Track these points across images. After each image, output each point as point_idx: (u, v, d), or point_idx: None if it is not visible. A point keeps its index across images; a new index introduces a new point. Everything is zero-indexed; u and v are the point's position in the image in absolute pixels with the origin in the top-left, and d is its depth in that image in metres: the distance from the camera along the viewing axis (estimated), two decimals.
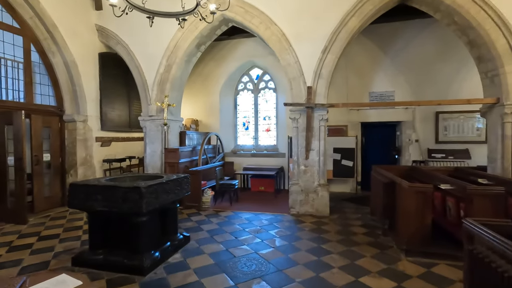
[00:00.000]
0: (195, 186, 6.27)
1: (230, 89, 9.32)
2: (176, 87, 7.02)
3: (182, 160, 6.73)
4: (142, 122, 6.98)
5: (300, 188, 5.82)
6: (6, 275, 3.30)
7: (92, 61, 7.04)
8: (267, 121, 9.19)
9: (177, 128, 7.28)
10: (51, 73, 6.46)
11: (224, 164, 8.44)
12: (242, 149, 9.18)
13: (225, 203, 6.72)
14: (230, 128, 9.35)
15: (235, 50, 8.88)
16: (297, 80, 5.80)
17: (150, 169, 6.89)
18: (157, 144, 6.83)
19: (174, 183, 3.83)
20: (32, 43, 6.02)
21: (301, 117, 5.82)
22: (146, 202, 3.24)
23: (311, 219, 5.42)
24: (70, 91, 6.69)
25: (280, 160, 8.53)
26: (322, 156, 5.76)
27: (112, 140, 7.69)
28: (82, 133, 6.80)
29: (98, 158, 7.24)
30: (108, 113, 7.50)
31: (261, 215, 5.79)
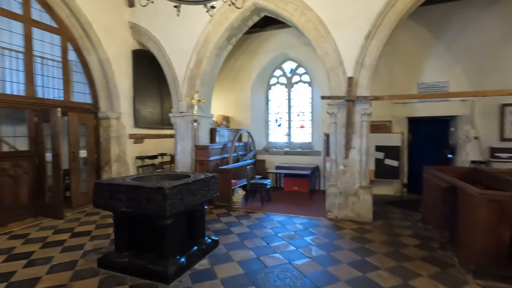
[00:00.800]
0: (225, 185, 6.00)
1: (261, 84, 8.94)
2: (206, 82, 6.79)
3: (212, 158, 6.50)
4: (172, 119, 6.87)
5: (339, 190, 5.27)
6: (35, 274, 3.26)
7: (125, 58, 7.07)
8: (301, 117, 8.66)
9: (207, 124, 7.07)
10: (87, 71, 6.57)
11: (256, 162, 8.10)
12: (275, 146, 8.76)
13: (256, 204, 6.37)
14: (261, 125, 8.97)
15: (267, 42, 8.45)
16: (335, 71, 5.23)
17: (180, 167, 6.77)
18: (187, 141, 6.67)
19: (201, 183, 3.54)
20: (69, 41, 6.14)
21: (340, 111, 5.25)
22: (170, 204, 2.98)
23: (351, 225, 4.85)
24: (104, 89, 6.77)
25: (315, 159, 7.98)
26: (364, 155, 5.15)
27: (145, 137, 7.72)
28: (116, 130, 6.86)
29: (131, 155, 7.29)
30: (141, 110, 7.53)
31: (295, 218, 5.34)
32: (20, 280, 3.13)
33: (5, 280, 3.12)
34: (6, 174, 5.05)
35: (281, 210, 5.85)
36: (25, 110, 5.38)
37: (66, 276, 3.19)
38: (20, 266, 3.46)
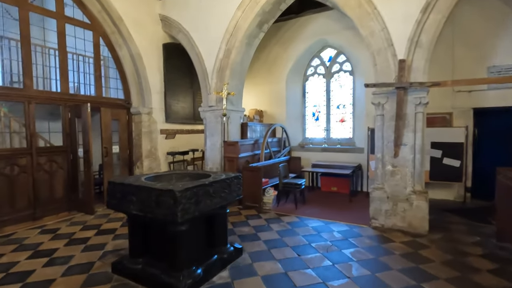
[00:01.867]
0: (256, 185, 5.54)
1: (297, 75, 8.27)
2: (237, 74, 6.36)
3: (243, 155, 6.08)
4: (202, 113, 6.58)
5: (386, 195, 4.48)
6: (51, 275, 3.12)
7: (156, 52, 6.93)
8: (341, 110, 7.83)
9: (238, 119, 6.65)
10: (119, 66, 6.56)
11: (290, 159, 7.50)
12: (311, 142, 8.07)
13: (289, 205, 5.81)
14: (297, 119, 8.33)
15: (304, 29, 7.75)
16: (383, 53, 4.42)
17: (210, 164, 6.47)
18: (216, 137, 6.33)
19: (221, 184, 3.10)
20: (101, 37, 6.14)
21: (389, 101, 4.43)
22: (182, 209, 2.58)
23: (401, 237, 4.06)
24: (136, 84, 6.72)
25: (357, 156, 7.13)
26: (419, 154, 4.28)
27: (177, 132, 7.57)
28: (147, 125, 6.78)
29: (163, 151, 7.19)
30: (172, 105, 7.38)
31: (333, 224, 4.68)
32: (36, 281, 3.01)
33: (22, 280, 3.02)
34: (42, 169, 5.17)
35: (317, 214, 5.21)
36: (59, 106, 5.47)
37: (79, 280, 3.00)
38: (40, 264, 3.37)
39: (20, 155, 4.87)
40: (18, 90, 4.91)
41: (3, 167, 4.65)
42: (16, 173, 4.82)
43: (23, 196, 4.91)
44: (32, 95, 5.00)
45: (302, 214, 5.22)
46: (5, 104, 5.03)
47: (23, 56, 4.94)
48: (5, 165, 4.68)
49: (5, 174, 4.68)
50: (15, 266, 3.33)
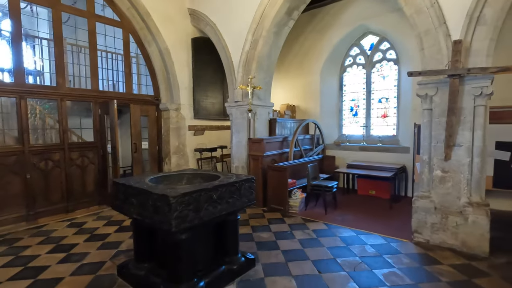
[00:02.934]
0: (281, 186, 5.13)
1: (334, 66, 7.56)
2: (264, 66, 5.95)
3: (269, 153, 5.68)
4: (228, 109, 6.32)
5: (433, 205, 3.74)
6: (61, 273, 3.11)
7: (185, 47, 6.83)
8: (384, 104, 6.96)
9: (265, 115, 6.26)
10: (148, 62, 6.58)
11: (323, 158, 6.91)
12: (348, 140, 7.34)
13: (318, 210, 5.28)
14: (333, 114, 7.64)
15: (342, 15, 7.01)
16: (433, 34, 3.65)
17: (235, 162, 6.20)
18: (242, 134, 6.02)
19: (228, 189, 2.76)
20: (130, 34, 6.20)
21: (439, 93, 3.67)
22: (177, 217, 2.30)
23: (451, 259, 3.33)
24: (164, 80, 6.70)
25: (401, 157, 6.27)
26: (478, 157, 3.47)
27: (205, 128, 7.45)
28: (175, 121, 6.74)
29: (191, 147, 7.11)
30: (201, 101, 7.26)
31: (366, 236, 4.07)
32: (46, 278, 3.00)
33: (34, 276, 3.04)
34: (74, 164, 5.37)
35: (349, 222, 4.62)
36: (90, 102, 5.63)
37: (84, 282, 2.92)
38: (56, 260, 3.40)
39: (54, 151, 5.10)
40: (52, 88, 5.12)
41: (38, 162, 4.90)
42: (50, 167, 5.06)
43: (57, 190, 5.15)
44: (64, 93, 5.19)
45: (332, 221, 4.67)
46: (41, 102, 5.30)
47: (56, 55, 5.14)
48: (40, 160, 4.93)
49: (40, 169, 4.93)
50: (34, 260, 3.41)
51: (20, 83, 4.68)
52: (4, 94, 4.55)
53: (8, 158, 4.58)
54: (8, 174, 4.59)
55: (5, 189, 4.56)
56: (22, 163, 4.71)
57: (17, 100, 4.64)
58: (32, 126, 5.19)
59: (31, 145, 4.83)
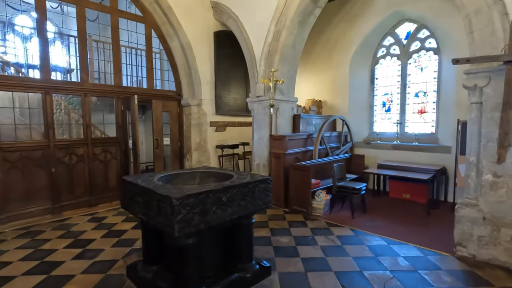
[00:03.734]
0: (304, 186, 4.78)
1: (365, 58, 7.00)
2: (288, 58, 5.60)
3: (291, 151, 5.34)
4: (250, 104, 6.07)
5: (481, 214, 3.20)
6: (73, 270, 3.06)
7: (207, 41, 6.67)
8: (421, 98, 6.30)
9: (289, 110, 5.92)
10: (170, 58, 6.51)
11: (351, 157, 6.42)
12: (379, 138, 6.76)
13: (344, 213, 4.86)
14: (363, 110, 7.10)
15: (373, 2, 6.44)
16: (485, 13, 3.08)
17: (257, 159, 5.94)
18: (264, 130, 5.74)
19: (239, 190, 2.50)
20: (152, 28, 6.14)
21: (491, 83, 3.11)
22: (180, 221, 2.08)
23: (505, 280, 2.80)
24: (186, 75, 6.60)
25: (441, 157, 5.62)
26: None
27: (227, 125, 7.27)
28: (196, 117, 6.62)
29: (213, 144, 6.97)
30: (223, 96, 7.08)
31: (399, 245, 3.62)
32: (58, 275, 2.97)
33: (48, 272, 3.02)
34: (97, 159, 5.44)
35: (379, 229, 4.17)
36: (112, 98, 5.67)
37: (94, 281, 2.83)
38: (71, 256, 3.38)
39: (78, 145, 5.19)
40: (76, 84, 5.20)
41: (63, 156, 5.01)
42: (74, 162, 5.15)
43: (80, 184, 5.24)
44: (87, 88, 5.25)
45: (359, 227, 4.24)
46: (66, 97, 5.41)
47: (79, 52, 5.20)
48: (65, 154, 5.03)
49: (65, 163, 5.03)
50: (51, 255, 3.42)
51: (45, 79, 4.78)
52: (31, 90, 4.67)
53: (34, 152, 4.71)
54: (35, 168, 4.73)
55: (32, 183, 4.70)
56: (47, 157, 4.83)
57: (43, 95, 4.75)
58: (57, 121, 5.31)
59: (56, 139, 4.94)
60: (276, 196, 5.30)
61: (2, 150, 4.38)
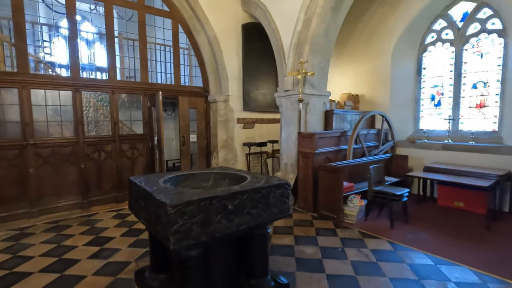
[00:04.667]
0: (334, 189, 4.29)
1: (410, 45, 6.18)
2: (320, 48, 5.09)
3: (322, 150, 4.85)
4: (278, 100, 5.67)
5: None
6: (86, 271, 2.98)
7: (234, 34, 6.40)
8: (480, 90, 5.36)
9: (320, 105, 5.41)
10: (197, 53, 6.37)
11: (392, 158, 5.71)
12: (427, 136, 5.93)
13: (382, 222, 4.27)
14: (407, 105, 6.30)
15: None
16: None
17: (284, 158, 5.54)
18: (292, 127, 5.31)
19: (250, 196, 2.15)
20: (179, 24, 6.03)
21: None
22: (176, 232, 1.81)
23: None
24: (213, 70, 6.41)
25: (506, 160, 4.70)
26: None
27: (256, 121, 6.96)
28: (223, 114, 6.41)
29: (240, 141, 6.71)
30: (251, 92, 6.78)
31: (449, 267, 2.99)
32: (70, 274, 2.91)
33: (62, 270, 2.98)
34: (125, 155, 5.48)
35: (424, 244, 3.54)
36: (139, 95, 5.67)
37: (102, 284, 2.71)
38: (87, 255, 3.34)
39: (106, 142, 5.26)
40: (104, 81, 5.27)
41: (92, 153, 5.11)
42: (103, 158, 5.24)
43: (109, 180, 5.32)
44: (115, 86, 5.29)
45: (399, 240, 3.65)
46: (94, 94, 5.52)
47: (108, 49, 5.24)
48: (94, 150, 5.13)
49: (93, 159, 5.13)
50: (69, 252, 3.41)
51: (75, 77, 4.89)
52: (62, 88, 4.80)
53: (65, 148, 4.85)
54: (65, 163, 4.87)
55: (63, 178, 4.85)
56: (77, 153, 4.95)
57: (73, 93, 4.87)
58: (87, 118, 5.43)
59: (85, 136, 5.04)
60: (304, 199, 4.87)
61: (35, 146, 4.56)
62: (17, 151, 4.43)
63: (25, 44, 4.45)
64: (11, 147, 4.39)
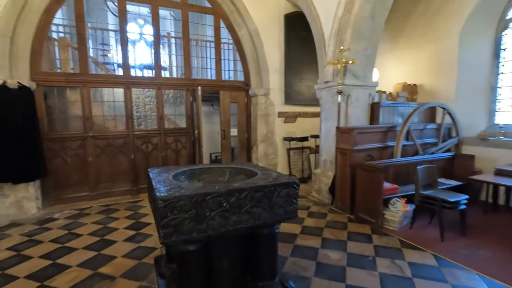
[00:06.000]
0: (373, 191, 3.86)
1: (484, 23, 5.14)
2: (364, 33, 4.58)
3: (363, 146, 4.40)
4: (317, 92, 5.33)
5: None
6: (119, 251, 3.27)
7: (276, 25, 6.22)
8: None
9: (364, 97, 4.90)
10: (239, 47, 6.37)
11: (454, 158, 4.87)
12: (504, 133, 4.89)
13: (431, 232, 3.67)
14: (478, 95, 5.29)
15: None
16: None
17: (324, 155, 5.21)
18: (332, 122, 4.94)
19: (250, 194, 2.04)
20: (221, 19, 6.11)
21: None
22: (166, 226, 1.81)
23: None
24: (255, 64, 6.35)
25: None
26: None
27: (298, 115, 6.71)
28: (263, 107, 6.33)
29: (281, 136, 6.57)
30: (293, 84, 6.54)
31: None
32: (105, 254, 3.22)
33: (100, 249, 3.32)
34: (169, 148, 5.86)
35: (480, 263, 2.92)
36: (183, 90, 5.96)
37: (127, 266, 2.94)
38: (124, 237, 3.65)
39: (153, 135, 5.69)
40: (151, 79, 5.67)
41: (140, 144, 5.58)
42: (150, 149, 5.68)
43: None
44: (161, 82, 5.65)
45: (448, 254, 3.09)
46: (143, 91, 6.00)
47: (154, 48, 5.62)
48: (142, 143, 5.60)
49: (142, 150, 5.61)
50: (111, 233, 3.79)
51: (126, 75, 5.37)
52: (115, 85, 5.34)
53: (118, 140, 5.40)
54: (119, 154, 5.43)
55: (116, 166, 5.42)
56: (128, 145, 5.46)
57: (124, 90, 5.37)
58: (136, 113, 5.92)
59: (135, 129, 5.53)
60: (342, 199, 4.51)
61: (94, 138, 5.18)
62: (79, 142, 5.10)
63: (85, 48, 5.05)
64: (75, 138, 5.07)
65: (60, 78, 4.87)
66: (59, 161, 4.95)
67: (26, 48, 4.48)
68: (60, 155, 4.95)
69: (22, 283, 2.68)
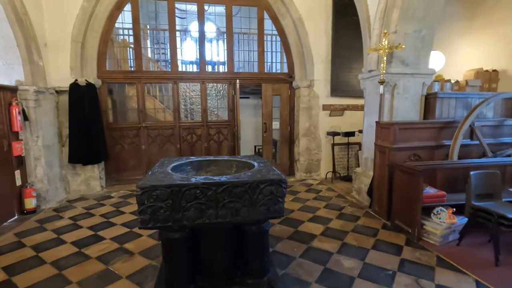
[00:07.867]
0: (411, 196, 3.33)
1: None
2: (415, 13, 3.91)
3: (406, 145, 3.80)
4: (362, 82, 4.83)
5: None
6: (147, 230, 3.63)
7: (323, 12, 5.85)
8: None
9: (415, 87, 4.21)
10: (283, 38, 6.19)
11: None
12: None
13: (485, 253, 2.98)
14: None
15: None
16: None
17: (365, 152, 4.73)
18: (375, 115, 4.42)
19: (228, 189, 2.00)
20: (265, 10, 6.02)
21: None
22: (143, 212, 1.94)
23: None
24: (299, 54, 6.10)
25: None
26: None
27: (346, 108, 6.23)
28: (306, 100, 6.06)
29: (325, 130, 6.21)
30: (341, 75, 6.08)
31: None
32: (134, 232, 3.61)
33: (132, 227, 3.74)
34: (212, 139, 6.15)
35: None
36: (225, 84, 6.14)
37: (146, 245, 3.25)
38: None
39: (197, 127, 6.05)
40: (195, 74, 6.01)
41: (186, 135, 6.01)
42: (194, 140, 6.07)
43: None
44: (204, 77, 5.94)
45: (496, 283, 2.46)
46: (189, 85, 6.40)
47: (199, 45, 5.91)
48: (188, 133, 6.02)
49: (187, 141, 6.03)
50: None
51: (174, 71, 5.82)
52: (164, 81, 5.85)
53: (167, 130, 5.92)
54: (167, 143, 5.96)
55: (165, 154, 5.96)
56: (175, 135, 5.95)
57: (172, 84, 5.83)
58: (183, 106, 6.35)
59: (181, 121, 5.97)
60: (379, 203, 4.04)
61: (147, 128, 5.81)
62: (135, 132, 5.78)
63: (140, 47, 5.65)
64: (132, 128, 5.76)
65: (119, 76, 5.59)
66: (118, 147, 5.71)
67: (94, 50, 5.25)
68: (120, 142, 5.71)
69: (67, 248, 3.23)
